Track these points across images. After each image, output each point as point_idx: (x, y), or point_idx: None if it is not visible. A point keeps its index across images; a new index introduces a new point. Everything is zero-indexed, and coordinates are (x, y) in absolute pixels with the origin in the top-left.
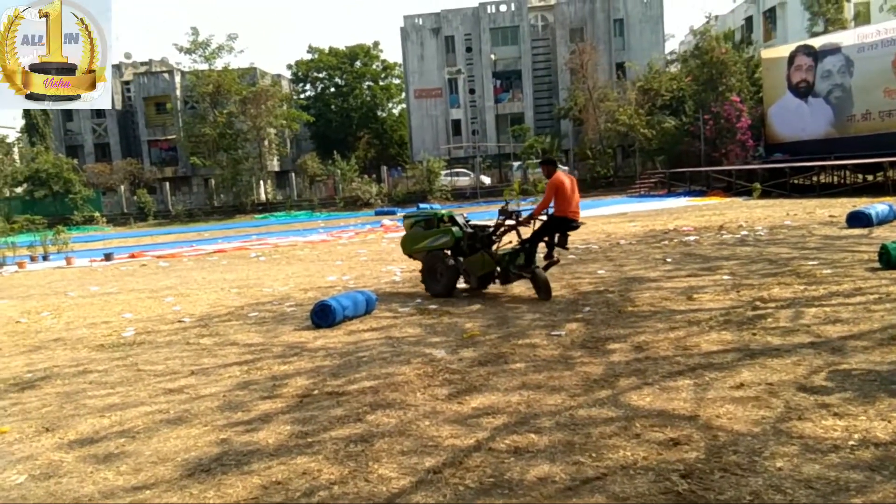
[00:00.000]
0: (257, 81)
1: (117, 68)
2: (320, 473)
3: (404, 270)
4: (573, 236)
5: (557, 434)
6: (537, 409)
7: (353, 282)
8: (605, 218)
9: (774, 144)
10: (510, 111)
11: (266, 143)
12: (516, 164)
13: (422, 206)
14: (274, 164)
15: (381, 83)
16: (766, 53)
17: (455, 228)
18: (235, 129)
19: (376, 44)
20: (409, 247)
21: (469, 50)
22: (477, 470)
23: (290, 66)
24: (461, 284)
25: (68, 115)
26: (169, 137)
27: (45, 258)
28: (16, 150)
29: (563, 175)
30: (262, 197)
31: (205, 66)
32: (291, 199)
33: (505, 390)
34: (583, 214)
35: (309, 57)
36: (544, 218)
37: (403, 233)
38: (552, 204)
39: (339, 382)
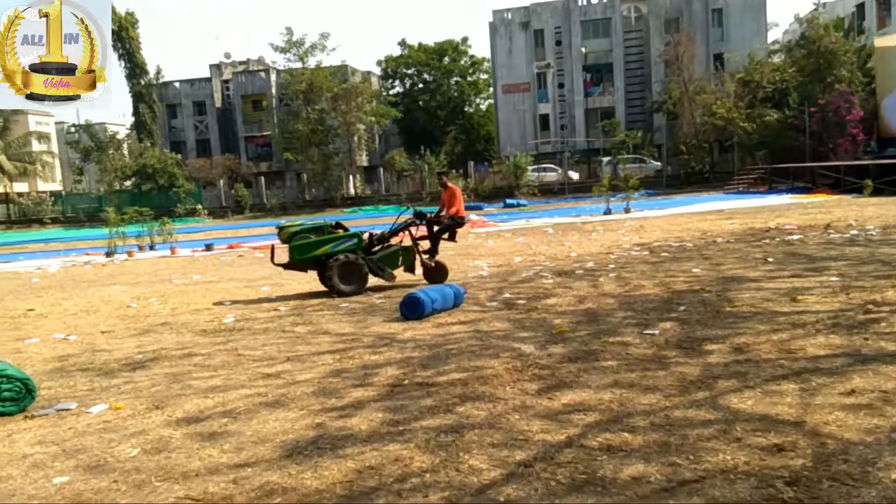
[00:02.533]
0: (348, 78)
1: (217, 68)
2: (412, 461)
3: (491, 265)
4: (664, 234)
5: (652, 434)
6: (630, 408)
7: None
8: (700, 215)
9: (888, 138)
10: (600, 105)
11: (355, 138)
12: (606, 159)
13: (320, 219)
14: (363, 160)
15: (468, 78)
16: (880, 42)
17: (358, 233)
18: (326, 126)
19: (465, 39)
20: (301, 254)
21: (559, 43)
22: (568, 466)
23: (379, 63)
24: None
25: (173, 112)
26: (264, 134)
27: (151, 247)
28: (125, 146)
29: None
30: (352, 191)
31: (298, 65)
32: (379, 194)
33: (596, 388)
34: (677, 210)
35: (398, 53)
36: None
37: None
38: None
39: (429, 373)
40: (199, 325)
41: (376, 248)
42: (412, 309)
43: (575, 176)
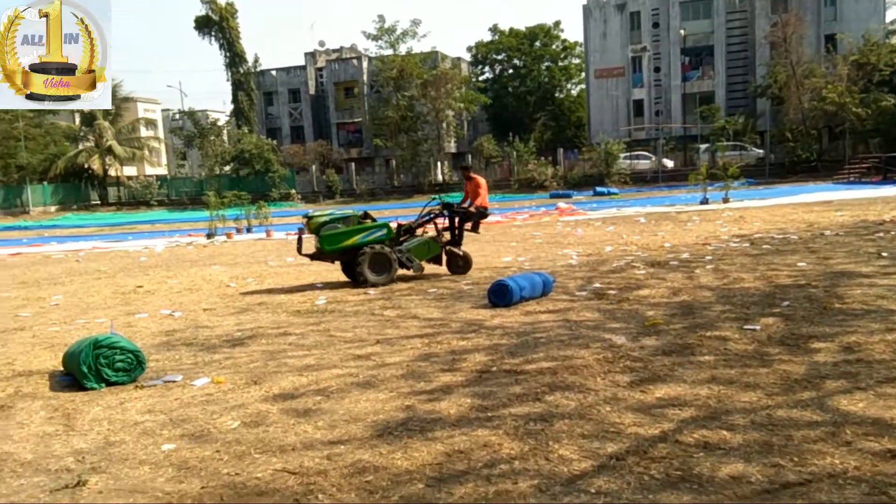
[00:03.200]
0: (438, 65)
1: (312, 56)
2: (501, 447)
3: (581, 254)
4: (766, 225)
5: (753, 433)
6: (729, 406)
7: (528, 263)
8: (807, 206)
9: None
10: (699, 90)
11: (444, 125)
12: (703, 146)
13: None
14: (451, 146)
15: (560, 64)
16: None
17: (387, 223)
18: (416, 112)
19: (557, 23)
20: (331, 244)
21: (656, 26)
22: (663, 461)
23: (469, 49)
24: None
25: (269, 100)
26: (355, 120)
27: (248, 230)
28: (225, 132)
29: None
30: (439, 177)
31: (390, 52)
32: None
33: (692, 382)
34: (780, 200)
35: (489, 38)
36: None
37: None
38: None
39: (517, 361)
40: (294, 306)
41: (403, 239)
42: (500, 296)
43: (669, 164)
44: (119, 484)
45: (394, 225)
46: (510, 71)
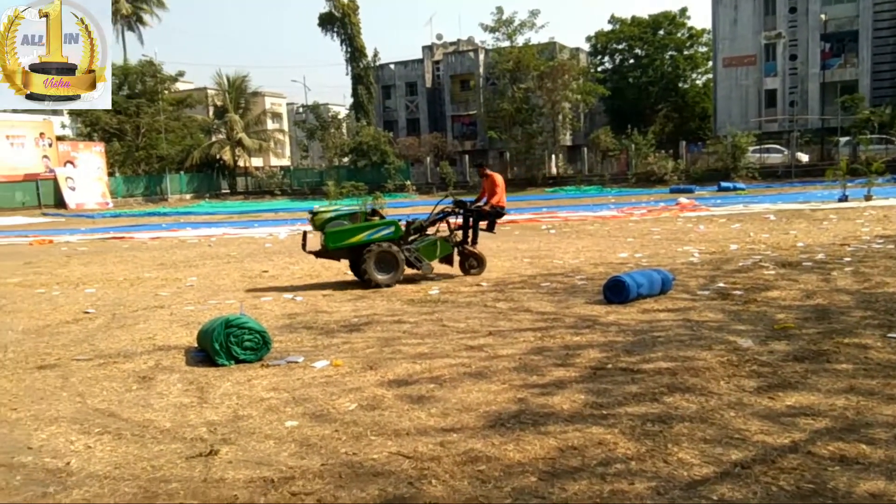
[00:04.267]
0: (555, 56)
1: (429, 49)
2: (616, 446)
3: (703, 252)
4: None
5: None
6: (869, 418)
7: (645, 260)
8: None
9: None
10: (840, 79)
11: (560, 117)
12: (844, 139)
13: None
14: (566, 139)
15: (685, 52)
16: None
17: (395, 220)
18: (531, 104)
19: (683, 10)
20: (335, 241)
21: (792, 10)
22: (793, 472)
23: (589, 39)
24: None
25: (387, 93)
26: (470, 113)
27: None
28: (345, 125)
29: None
30: (553, 171)
31: (507, 44)
32: (582, 174)
33: (827, 392)
34: None
35: (609, 28)
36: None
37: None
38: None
39: (634, 360)
40: (407, 295)
41: (413, 238)
42: (616, 292)
43: (804, 158)
44: (247, 455)
45: (403, 224)
46: (631, 61)
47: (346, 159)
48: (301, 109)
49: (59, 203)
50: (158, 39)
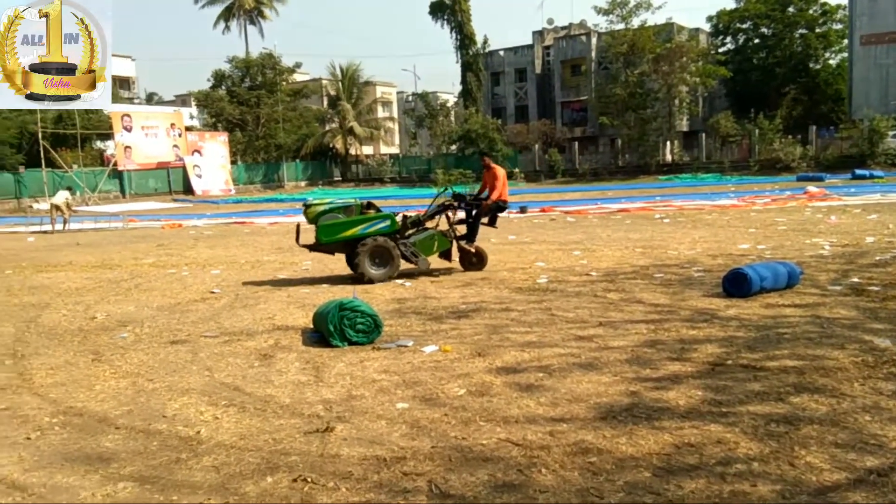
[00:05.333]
0: (673, 37)
1: (539, 35)
2: (737, 446)
3: (834, 244)
4: None
5: None
6: None
7: (769, 252)
8: None
9: None
10: None
11: (676, 101)
12: None
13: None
14: (683, 124)
15: (816, 30)
16: None
17: (391, 214)
18: (646, 89)
19: None
20: (328, 235)
21: None
22: None
23: (709, 19)
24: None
25: (496, 80)
26: (581, 99)
27: None
28: (453, 113)
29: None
30: (668, 158)
31: (621, 26)
32: (699, 161)
33: None
34: None
35: (733, 6)
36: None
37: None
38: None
39: (756, 356)
40: (515, 283)
41: (410, 232)
42: (737, 285)
43: None
44: (360, 434)
45: (399, 217)
46: (756, 41)
47: (453, 147)
48: (410, 98)
49: (187, 189)
50: (277, 32)
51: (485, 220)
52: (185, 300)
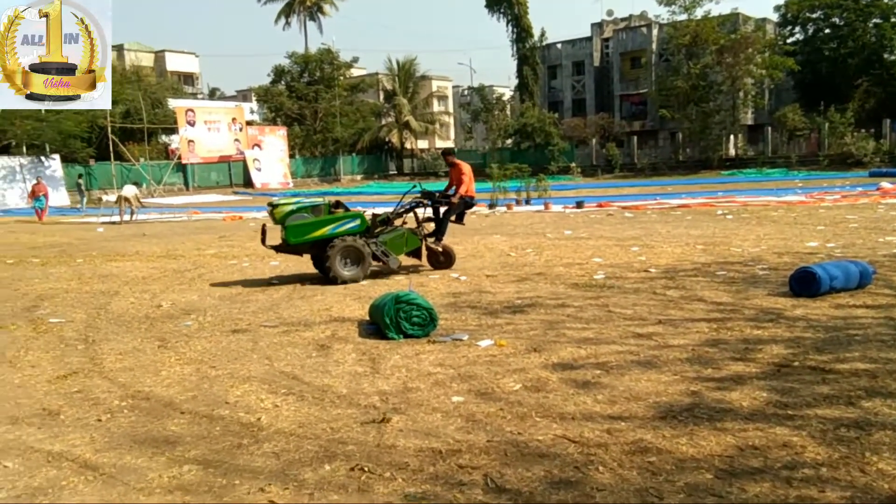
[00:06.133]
0: (738, 28)
1: (598, 27)
2: (804, 450)
3: None
4: None
5: None
6: None
7: (839, 250)
8: None
9: None
10: None
11: (741, 94)
12: None
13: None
14: (747, 118)
15: (892, 20)
16: None
17: (360, 213)
18: (709, 81)
19: None
20: (296, 236)
21: None
22: None
23: (777, 9)
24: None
25: (553, 73)
26: (640, 92)
27: (527, 202)
28: (508, 107)
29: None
30: (731, 152)
31: (683, 17)
32: (764, 156)
33: None
34: None
35: None
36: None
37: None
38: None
39: (825, 358)
40: (571, 279)
41: (379, 230)
42: (805, 284)
43: None
44: (416, 426)
45: (368, 216)
46: (827, 31)
47: (509, 141)
48: (466, 92)
49: (247, 182)
50: (335, 28)
51: (451, 217)
52: (246, 290)
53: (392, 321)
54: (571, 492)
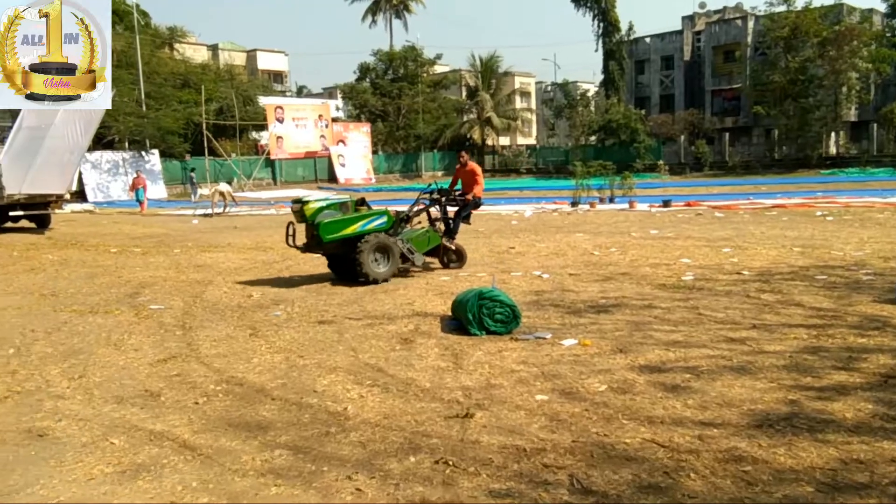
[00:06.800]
0: (842, 19)
1: (690, 20)
2: None
3: None
4: None
5: None
6: None
7: None
8: None
9: None
10: None
11: (844, 89)
12: None
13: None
14: (850, 114)
15: None
16: None
17: (387, 210)
18: (808, 75)
19: None
20: (331, 232)
21: None
22: None
23: None
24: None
25: (640, 68)
26: (733, 87)
27: (611, 200)
28: (593, 103)
29: None
30: (832, 150)
31: (782, 8)
32: (868, 154)
33: None
34: None
35: None
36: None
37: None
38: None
39: None
40: (658, 279)
41: (399, 228)
42: None
43: None
44: (499, 422)
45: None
46: None
47: (592, 138)
48: (549, 88)
49: (331, 178)
50: (420, 25)
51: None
52: (330, 283)
53: (475, 317)
54: (661, 497)
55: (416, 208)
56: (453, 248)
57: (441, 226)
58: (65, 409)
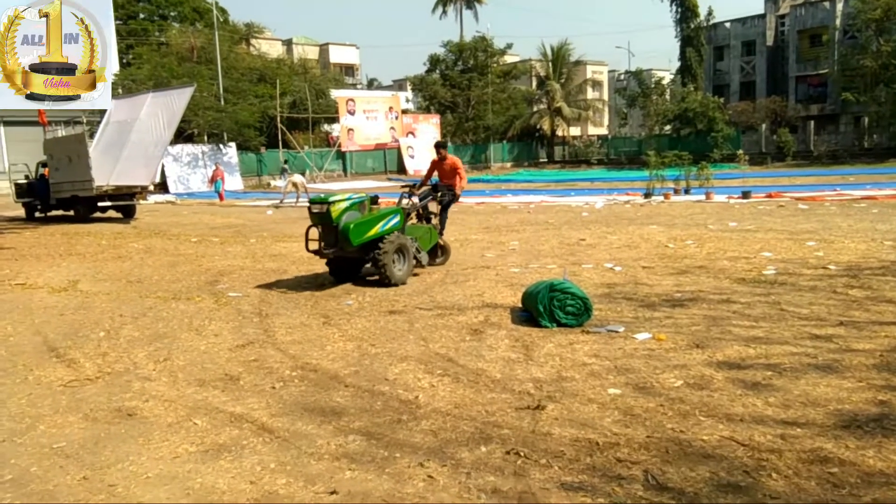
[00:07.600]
0: None
1: (773, 3)
2: None
3: None
4: None
5: None
6: None
7: None
8: None
9: None
10: None
11: None
12: None
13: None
14: None
15: None
16: None
17: (399, 208)
18: None
19: None
20: (359, 236)
21: None
22: None
23: None
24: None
25: (719, 54)
26: (819, 73)
27: (686, 191)
28: (668, 91)
29: None
30: None
31: None
32: None
33: None
34: None
35: None
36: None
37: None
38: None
39: None
40: (737, 273)
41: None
42: None
43: None
44: (571, 415)
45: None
46: None
47: (667, 127)
48: (622, 76)
49: (401, 169)
50: (490, 14)
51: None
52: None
53: (546, 309)
54: (741, 497)
55: (419, 204)
56: (441, 243)
57: (436, 221)
58: (151, 391)
